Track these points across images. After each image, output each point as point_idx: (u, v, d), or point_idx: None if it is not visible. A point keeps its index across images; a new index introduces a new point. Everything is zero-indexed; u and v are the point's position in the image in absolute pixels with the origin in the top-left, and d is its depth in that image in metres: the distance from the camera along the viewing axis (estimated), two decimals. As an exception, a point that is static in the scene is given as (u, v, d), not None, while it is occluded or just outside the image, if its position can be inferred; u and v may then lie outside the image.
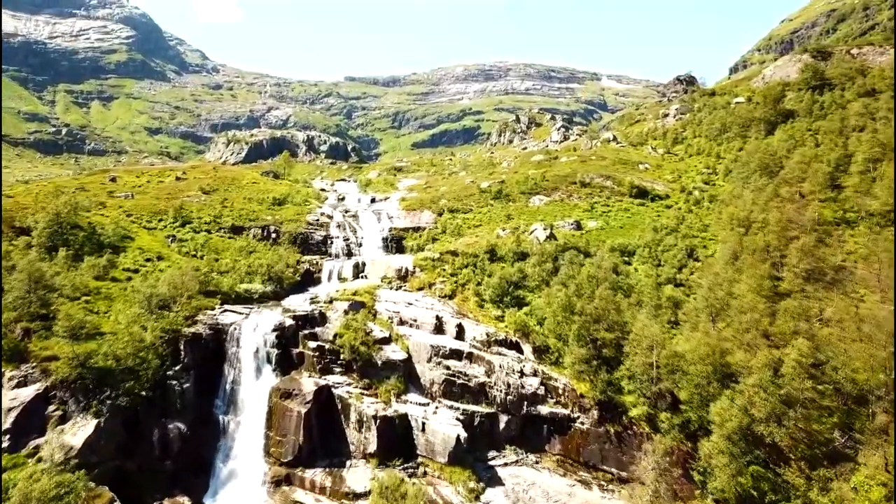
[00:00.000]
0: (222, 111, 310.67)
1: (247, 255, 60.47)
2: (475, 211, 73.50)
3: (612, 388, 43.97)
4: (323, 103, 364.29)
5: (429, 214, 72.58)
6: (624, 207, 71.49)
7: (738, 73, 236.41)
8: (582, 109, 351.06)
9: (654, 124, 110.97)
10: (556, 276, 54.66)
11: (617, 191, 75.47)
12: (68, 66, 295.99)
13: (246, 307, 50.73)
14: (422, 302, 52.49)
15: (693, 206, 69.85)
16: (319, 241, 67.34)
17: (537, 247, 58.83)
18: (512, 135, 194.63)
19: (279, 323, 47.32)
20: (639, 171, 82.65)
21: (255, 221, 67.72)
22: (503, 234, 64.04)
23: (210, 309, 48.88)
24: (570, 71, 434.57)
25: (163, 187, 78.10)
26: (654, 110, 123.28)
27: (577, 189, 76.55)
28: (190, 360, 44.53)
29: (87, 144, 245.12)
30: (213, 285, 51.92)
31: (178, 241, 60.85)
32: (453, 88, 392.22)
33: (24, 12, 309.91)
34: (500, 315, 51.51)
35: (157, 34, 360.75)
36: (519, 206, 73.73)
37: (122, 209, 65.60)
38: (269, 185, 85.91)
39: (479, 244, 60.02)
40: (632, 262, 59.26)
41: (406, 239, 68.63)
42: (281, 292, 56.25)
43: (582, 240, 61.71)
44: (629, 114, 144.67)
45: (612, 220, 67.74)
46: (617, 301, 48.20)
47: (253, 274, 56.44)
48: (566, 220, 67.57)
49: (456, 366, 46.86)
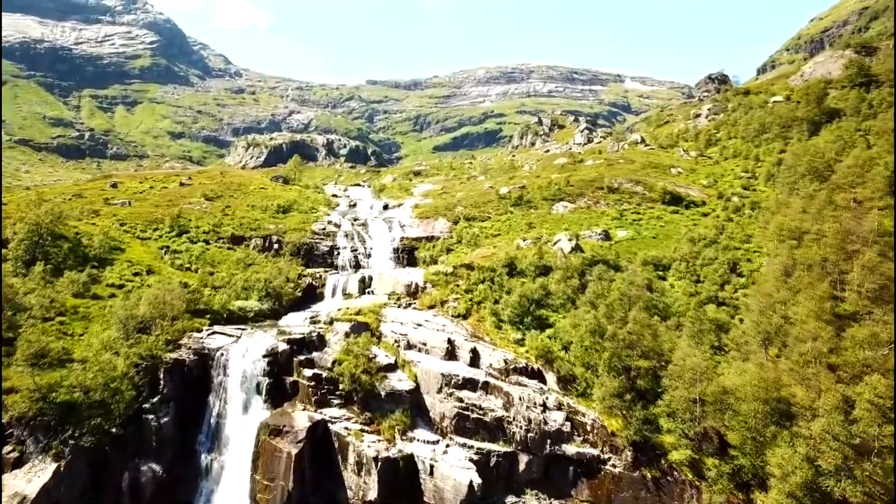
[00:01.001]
0: (244, 115, 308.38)
1: (245, 268, 55.25)
2: (493, 219, 67.56)
3: (648, 427, 37.77)
4: (345, 107, 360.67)
5: (443, 223, 66.82)
6: (656, 215, 65.05)
7: (766, 73, 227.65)
8: (605, 111, 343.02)
9: (684, 125, 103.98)
10: (583, 293, 48.57)
11: (648, 197, 69.00)
12: (93, 71, 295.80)
13: (238, 328, 45.34)
14: (432, 322, 46.69)
15: (733, 213, 63.17)
16: (325, 252, 61.89)
17: (562, 260, 52.76)
18: (534, 137, 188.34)
19: (271, 348, 41.83)
20: (671, 176, 76.06)
21: (257, 231, 62.53)
22: (524, 244, 58.06)
23: (197, 331, 43.57)
24: (592, 72, 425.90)
25: (165, 193, 73.40)
26: (685, 111, 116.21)
27: (604, 195, 70.24)
28: (170, 390, 39.23)
29: (109, 149, 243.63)
30: (203, 303, 46.66)
31: (172, 253, 55.82)
32: (475, 91, 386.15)
33: (50, 19, 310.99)
34: (520, 338, 45.56)
35: (180, 39, 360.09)
36: (541, 213, 67.67)
37: (115, 218, 60.87)
38: (278, 191, 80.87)
39: (496, 256, 54.11)
40: (667, 278, 52.92)
41: (419, 249, 62.89)
42: (279, 310, 50.89)
43: (611, 252, 55.48)
44: (657, 115, 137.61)
45: (643, 230, 61.38)
46: (653, 324, 41.98)
47: (249, 289, 51.18)
48: (593, 229, 61.38)
49: (470, 397, 41.01)
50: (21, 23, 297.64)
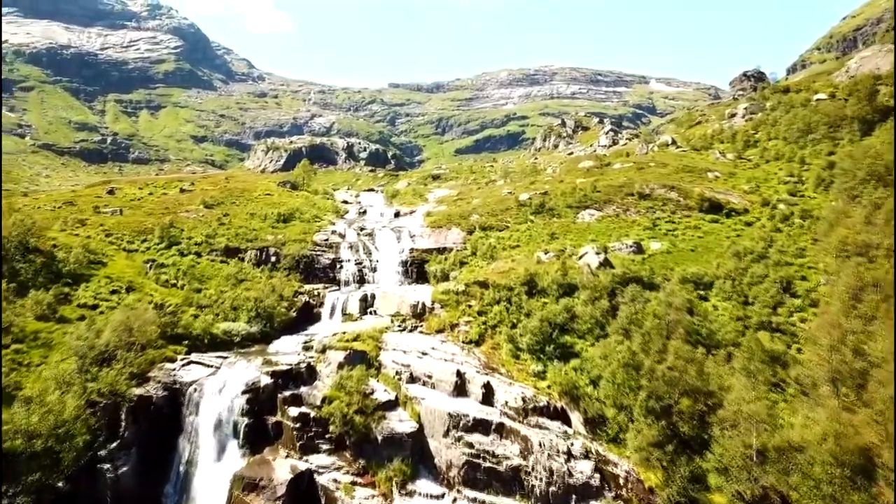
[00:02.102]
0: (266, 119, 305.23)
1: (236, 284, 49.46)
2: (512, 228, 60.93)
3: (695, 485, 31.09)
4: (367, 110, 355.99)
5: (457, 232, 60.42)
6: (693, 224, 57.94)
7: (796, 73, 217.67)
8: (630, 113, 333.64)
9: (718, 126, 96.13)
10: (613, 318, 41.83)
11: (683, 204, 61.87)
12: (118, 76, 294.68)
13: (219, 356, 39.43)
14: (440, 351, 40.29)
15: (780, 223, 55.82)
16: (326, 266, 55.84)
17: (588, 277, 46.07)
18: (557, 139, 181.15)
19: (253, 382, 35.81)
20: (708, 181, 68.76)
21: (253, 242, 56.73)
22: (545, 258, 51.47)
23: (170, 361, 37.77)
24: (616, 74, 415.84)
25: (162, 200, 68.21)
26: (718, 110, 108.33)
27: (634, 202, 63.26)
28: (133, 433, 33.46)
29: (131, 153, 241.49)
30: (182, 327, 40.86)
31: (158, 267, 50.23)
32: (497, 93, 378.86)
33: (77, 25, 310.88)
34: (541, 371, 39.01)
35: (204, 44, 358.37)
36: (565, 222, 60.91)
37: (102, 228, 55.60)
38: (284, 198, 75.28)
39: (515, 272, 47.57)
40: (709, 298, 45.90)
41: (429, 262, 56.47)
42: (270, 333, 44.91)
43: (644, 267, 48.63)
44: (688, 115, 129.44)
45: (679, 241, 54.37)
46: (697, 357, 35.23)
47: (238, 309, 45.34)
48: (623, 240, 54.54)
49: (481, 442, 34.59)
50: (49, 29, 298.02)
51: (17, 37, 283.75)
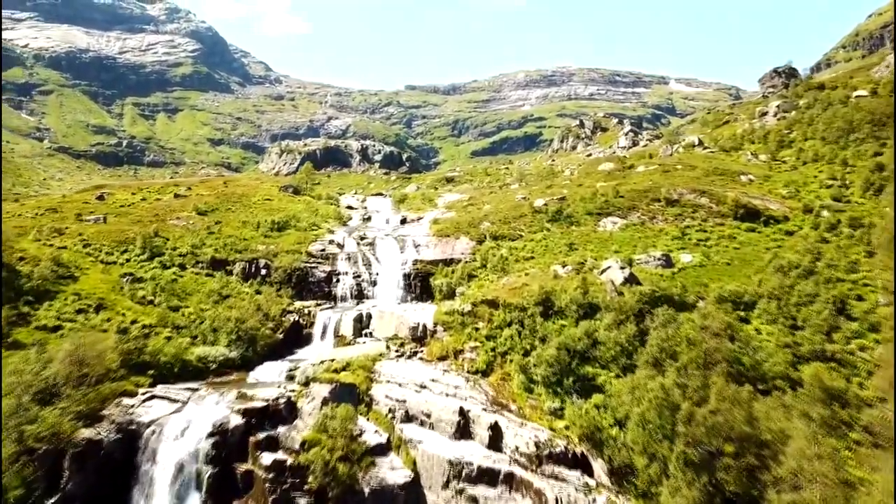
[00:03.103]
0: (283, 121, 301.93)
1: (219, 300, 44.22)
2: (526, 237, 55.01)
3: (745, 559, 25.27)
4: (383, 112, 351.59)
5: (465, 242, 54.67)
6: (728, 234, 51.70)
7: (821, 71, 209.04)
8: (649, 114, 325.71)
9: (749, 125, 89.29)
10: (642, 345, 35.90)
11: (716, 211, 55.63)
12: (136, 79, 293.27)
13: (188, 388, 34.07)
14: (441, 383, 34.63)
15: (826, 232, 49.41)
16: (321, 280, 50.44)
17: (612, 295, 40.20)
18: (575, 141, 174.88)
19: (221, 422, 30.42)
20: (741, 184, 62.35)
21: (243, 253, 51.48)
22: (563, 272, 45.61)
23: (129, 395, 32.51)
24: (635, 75, 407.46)
25: (153, 207, 63.37)
26: (748, 109, 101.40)
27: (661, 208, 57.12)
28: (77, 484, 28.20)
29: (146, 156, 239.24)
30: (149, 353, 35.60)
31: (135, 282, 45.13)
32: (514, 95, 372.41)
33: (97, 29, 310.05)
34: (558, 408, 33.23)
35: (222, 47, 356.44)
36: (585, 231, 54.92)
37: (80, 237, 50.73)
38: (283, 204, 70.13)
39: (528, 289, 41.78)
40: (751, 320, 39.76)
41: (435, 275, 50.79)
42: (252, 358, 39.54)
43: (674, 283, 42.62)
44: (716, 114, 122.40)
45: (713, 253, 48.19)
46: (744, 397, 29.30)
47: (219, 331, 40.10)
48: (650, 252, 48.53)
49: (487, 496, 29.02)
50: (69, 33, 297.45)
51: (37, 41, 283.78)
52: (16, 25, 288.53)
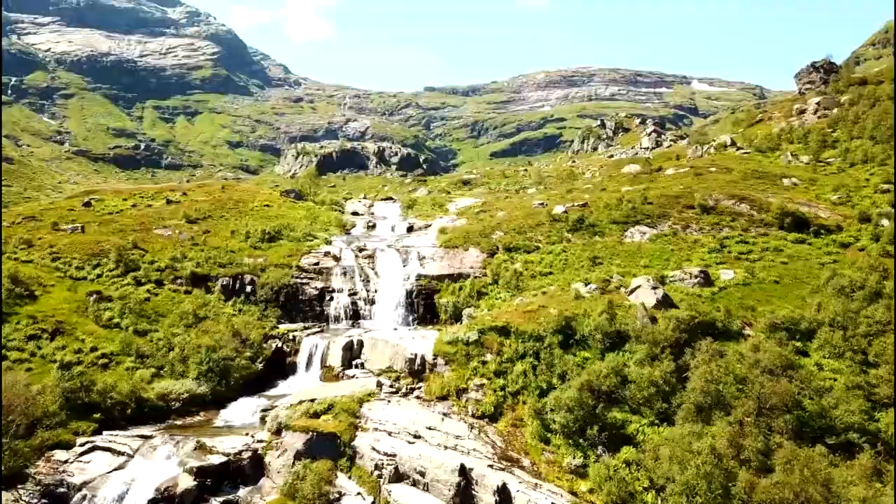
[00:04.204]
0: (301, 124, 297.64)
1: (193, 323, 38.60)
2: (543, 250, 48.61)
3: None
4: (402, 114, 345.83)
5: (475, 254, 48.46)
6: (773, 246, 44.95)
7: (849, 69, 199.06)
8: (671, 115, 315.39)
9: (786, 124, 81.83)
10: (682, 385, 29.56)
11: (758, 219, 48.86)
12: (156, 82, 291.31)
13: (139, 436, 28.36)
14: (439, 431, 28.51)
15: (889, 244, 42.51)
16: (313, 298, 44.59)
17: (644, 321, 33.85)
18: (596, 141, 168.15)
19: (167, 486, 24.68)
20: (784, 189, 55.47)
21: (227, 267, 45.78)
22: (585, 291, 39.27)
23: (66, 447, 26.96)
24: (657, 75, 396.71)
25: (141, 214, 58.06)
26: (783, 106, 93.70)
27: (696, 216, 50.46)
28: (-15, 565, 22.82)
29: (164, 159, 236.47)
30: (98, 391, 29.95)
31: (101, 301, 39.70)
32: (534, 96, 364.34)
33: (118, 33, 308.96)
34: (580, 464, 26.96)
35: (241, 50, 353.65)
36: (609, 242, 48.44)
37: (51, 250, 45.55)
38: (283, 210, 64.46)
39: (545, 313, 35.56)
40: (810, 353, 33.12)
41: (440, 292, 44.65)
42: (224, 394, 33.83)
43: (715, 306, 36.13)
44: (748, 112, 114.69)
45: (758, 269, 41.41)
46: (818, 465, 22.93)
47: (188, 360, 34.52)
48: (685, 267, 42.00)
49: (491, 584, 22.96)
50: (91, 38, 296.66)
51: (59, 45, 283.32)
52: (39, 30, 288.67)
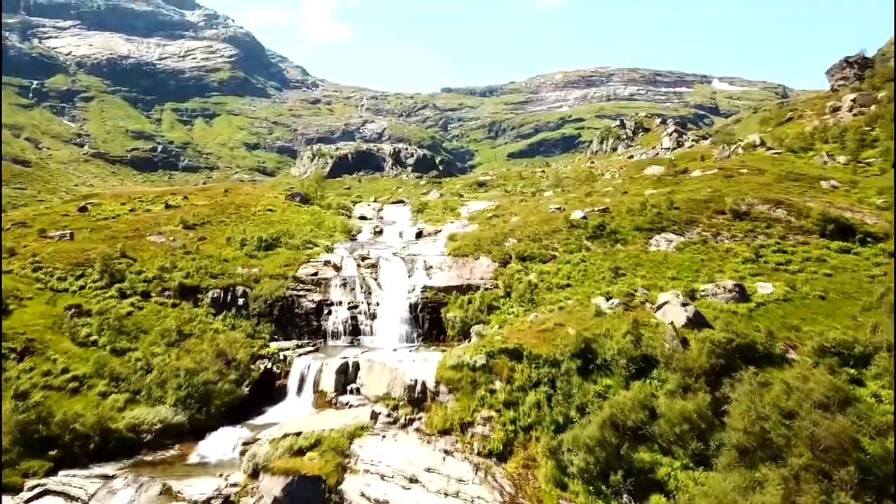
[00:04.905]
0: (318, 125, 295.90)
1: (177, 341, 35.19)
2: (560, 259, 44.49)
3: None
4: (419, 115, 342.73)
5: (486, 264, 44.51)
6: (815, 256, 40.41)
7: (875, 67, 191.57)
8: (691, 114, 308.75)
9: (819, 122, 76.85)
10: (720, 420, 25.46)
11: (797, 226, 44.32)
12: (175, 85, 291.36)
13: (101, 475, 24.86)
14: (440, 473, 24.72)
15: (946, 254, 37.96)
16: (310, 312, 41.02)
17: (673, 343, 29.73)
18: (616, 142, 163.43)
19: (121, 540, 21.29)
20: (823, 192, 50.79)
21: (219, 278, 42.36)
22: (607, 306, 35.19)
23: (14, 490, 23.60)
24: (677, 74, 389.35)
25: (137, 219, 55.03)
26: (815, 104, 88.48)
27: (727, 222, 46.04)
28: None
29: (181, 161, 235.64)
30: (58, 423, 26.57)
31: (80, 316, 36.49)
32: (552, 96, 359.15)
33: (137, 36, 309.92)
34: (603, 517, 23.07)
35: (259, 52, 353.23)
36: (633, 251, 44.19)
37: (33, 259, 42.54)
38: (287, 215, 61.11)
39: (562, 333, 31.57)
40: (865, 381, 28.73)
41: (448, 306, 40.80)
42: (204, 422, 30.18)
43: (753, 325, 31.86)
44: (778, 110, 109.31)
45: (800, 282, 36.97)
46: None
47: (165, 384, 31.10)
48: (717, 280, 37.68)
49: None
50: (111, 41, 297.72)
51: (80, 49, 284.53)
52: (60, 34, 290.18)
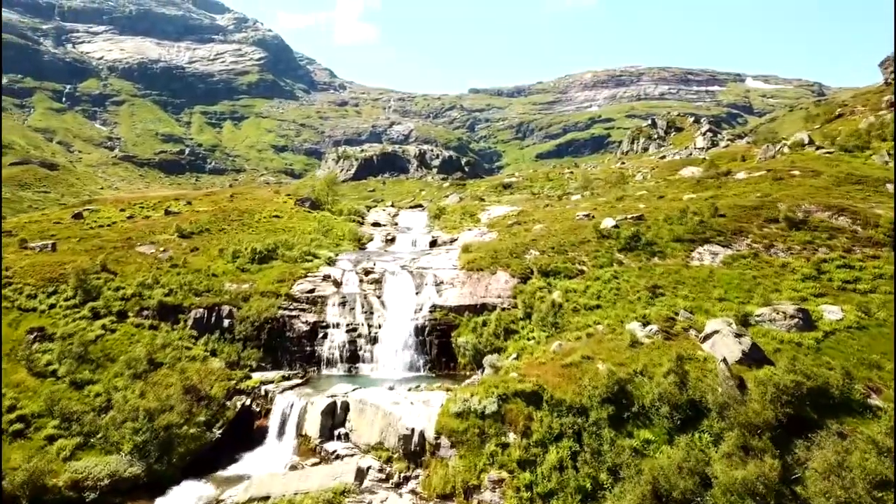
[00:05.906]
0: (345, 127, 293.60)
1: (145, 372, 30.60)
2: (588, 275, 38.76)
3: None
4: (446, 117, 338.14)
5: (504, 279, 39.04)
6: (889, 273, 34.10)
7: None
8: (724, 114, 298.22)
9: (874, 118, 69.59)
10: (788, 487, 19.80)
11: (863, 236, 38.00)
12: (204, 88, 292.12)
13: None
14: (435, 557, 19.55)
15: None
16: (302, 335, 36.19)
17: (726, 385, 23.97)
18: (647, 142, 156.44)
19: None
20: (889, 196, 44.13)
21: (204, 296, 37.75)
22: (643, 333, 29.53)
23: None
24: (709, 73, 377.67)
25: (131, 227, 50.98)
26: (868, 98, 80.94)
27: (780, 232, 39.87)
28: None
29: (208, 163, 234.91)
30: (-16, 480, 22.19)
31: (41, 342, 32.18)
32: (581, 96, 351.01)
33: (168, 40, 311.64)
34: None
35: (287, 55, 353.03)
36: (673, 265, 38.32)
37: (5, 273, 38.52)
38: (294, 222, 56.56)
39: (591, 370, 26.06)
40: (975, 438, 22.74)
41: (459, 328, 35.61)
42: (165, 474, 25.41)
43: (822, 361, 25.90)
44: (826, 106, 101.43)
45: (874, 305, 30.73)
46: None
47: (122, 426, 26.47)
48: (774, 302, 31.72)
49: None
50: (142, 45, 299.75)
51: (111, 53, 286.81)
52: (93, 39, 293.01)
